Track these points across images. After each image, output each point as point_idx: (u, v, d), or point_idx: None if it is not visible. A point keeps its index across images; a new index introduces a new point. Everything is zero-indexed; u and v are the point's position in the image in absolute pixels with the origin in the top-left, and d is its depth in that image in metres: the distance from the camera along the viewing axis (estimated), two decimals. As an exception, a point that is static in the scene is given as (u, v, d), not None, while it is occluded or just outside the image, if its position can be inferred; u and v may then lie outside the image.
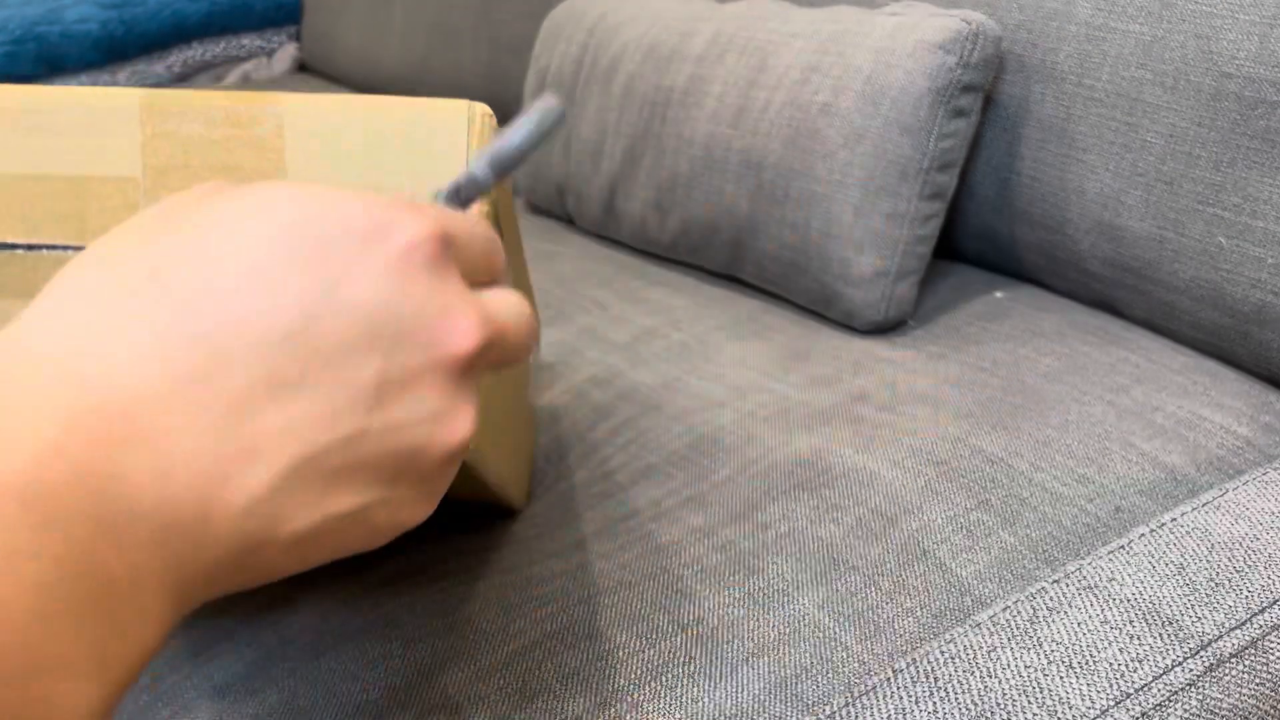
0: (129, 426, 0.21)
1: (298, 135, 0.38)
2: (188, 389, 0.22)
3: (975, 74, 0.72)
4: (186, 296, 0.23)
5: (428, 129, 0.39)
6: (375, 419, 0.24)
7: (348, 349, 0.24)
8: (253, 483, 0.23)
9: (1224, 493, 0.51)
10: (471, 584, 0.50)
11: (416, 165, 0.38)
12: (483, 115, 0.39)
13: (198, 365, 0.22)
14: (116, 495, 0.21)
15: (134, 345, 0.22)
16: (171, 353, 0.22)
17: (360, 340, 0.24)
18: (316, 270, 0.24)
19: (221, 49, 1.66)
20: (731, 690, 0.44)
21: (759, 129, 0.77)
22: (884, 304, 0.73)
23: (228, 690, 0.45)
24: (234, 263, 0.24)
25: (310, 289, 0.24)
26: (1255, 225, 0.64)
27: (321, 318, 0.24)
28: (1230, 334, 0.67)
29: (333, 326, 0.24)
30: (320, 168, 0.38)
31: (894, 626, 0.47)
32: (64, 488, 0.20)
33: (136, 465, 0.21)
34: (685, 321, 0.76)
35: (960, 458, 0.58)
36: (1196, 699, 0.41)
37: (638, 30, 0.90)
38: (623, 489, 0.57)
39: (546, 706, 0.43)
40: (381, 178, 0.38)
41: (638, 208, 0.88)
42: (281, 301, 0.23)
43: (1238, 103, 0.64)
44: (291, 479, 0.23)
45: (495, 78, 1.33)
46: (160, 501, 0.21)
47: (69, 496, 0.20)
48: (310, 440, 0.23)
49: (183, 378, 0.22)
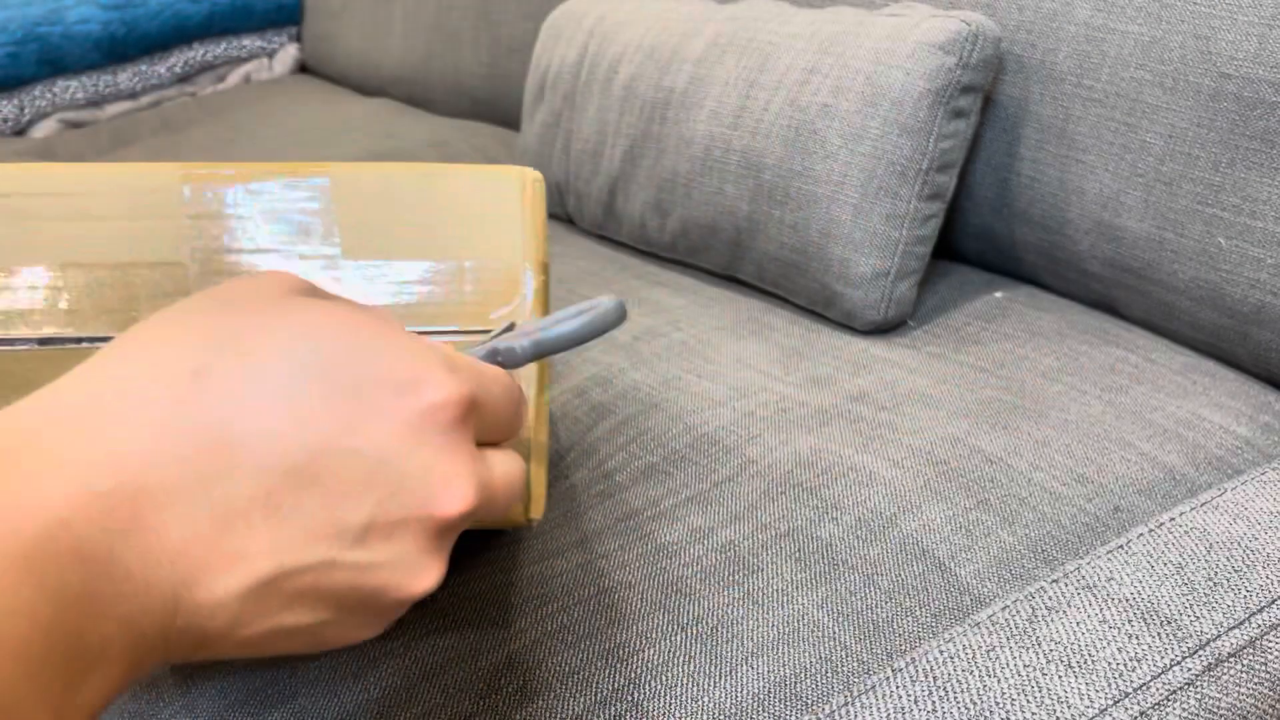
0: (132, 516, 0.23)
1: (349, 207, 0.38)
2: (193, 490, 0.24)
3: (975, 75, 0.72)
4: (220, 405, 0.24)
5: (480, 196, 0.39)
6: (350, 555, 0.26)
7: (346, 491, 0.25)
8: (220, 590, 0.24)
9: (1223, 492, 0.51)
10: (471, 584, 0.50)
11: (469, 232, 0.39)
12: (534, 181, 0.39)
13: (209, 471, 0.24)
14: (108, 576, 0.22)
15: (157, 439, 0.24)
16: (190, 454, 0.24)
17: (360, 485, 0.25)
18: (342, 412, 0.25)
19: (222, 50, 1.66)
20: (731, 689, 0.44)
21: (759, 130, 0.77)
22: (884, 304, 0.74)
23: (228, 690, 0.45)
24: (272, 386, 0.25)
25: (331, 430, 0.25)
26: (1254, 226, 0.64)
27: (333, 456, 0.25)
28: (1229, 334, 0.68)
29: (340, 466, 0.25)
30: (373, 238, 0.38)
31: (893, 626, 0.47)
32: (65, 560, 0.21)
33: (129, 551, 0.23)
34: (685, 321, 0.76)
35: (959, 457, 0.58)
36: (1195, 698, 0.41)
37: (638, 31, 0.90)
38: (623, 489, 0.57)
39: (546, 706, 0.43)
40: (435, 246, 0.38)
41: (638, 208, 0.89)
42: (302, 436, 0.25)
43: (1237, 103, 0.64)
44: (258, 592, 0.24)
45: (495, 78, 1.33)
46: (142, 587, 0.23)
47: (67, 570, 0.21)
48: (285, 561, 0.25)
49: (191, 479, 0.24)
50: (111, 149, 1.40)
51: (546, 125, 0.99)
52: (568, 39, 0.97)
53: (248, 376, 0.25)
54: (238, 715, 0.44)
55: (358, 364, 0.26)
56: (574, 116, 0.95)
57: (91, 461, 0.23)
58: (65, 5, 1.48)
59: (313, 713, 0.43)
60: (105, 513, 0.22)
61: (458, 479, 0.27)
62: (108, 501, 0.22)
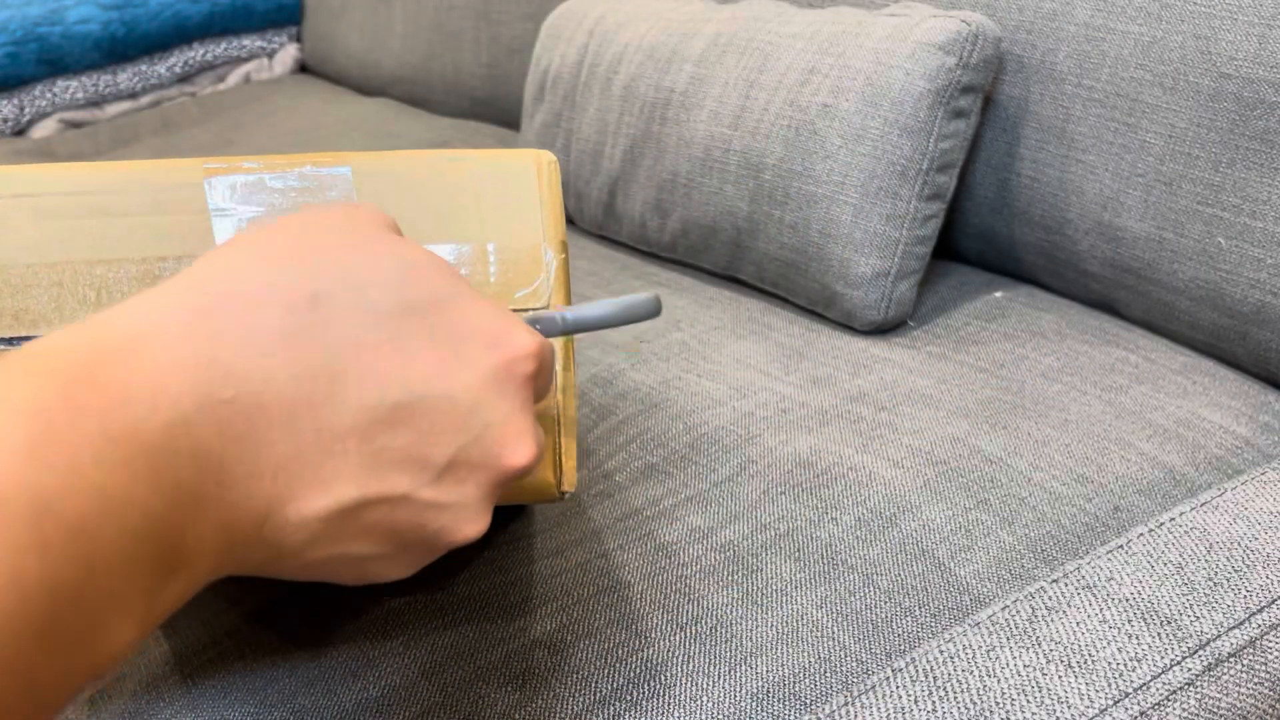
0: (248, 427, 0.24)
1: (371, 195, 0.38)
2: (303, 412, 0.25)
3: (975, 75, 0.72)
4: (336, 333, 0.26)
5: (498, 180, 0.39)
6: (424, 492, 0.27)
7: (439, 431, 0.27)
8: (309, 509, 0.25)
9: (1223, 492, 0.51)
10: (471, 583, 0.50)
11: (489, 215, 0.39)
12: (549, 163, 0.40)
13: (319, 396, 0.25)
14: (216, 480, 0.23)
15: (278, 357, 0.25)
16: (304, 375, 0.25)
17: (451, 427, 0.27)
18: (442, 356, 0.27)
19: (222, 50, 1.66)
20: (730, 689, 0.44)
21: (759, 130, 0.77)
22: (884, 304, 0.74)
23: (229, 690, 0.45)
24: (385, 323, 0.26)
25: (431, 373, 0.27)
26: (1254, 226, 0.64)
27: (429, 398, 0.27)
28: (1229, 334, 0.68)
29: (436, 407, 0.27)
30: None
31: (893, 626, 0.47)
32: (183, 459, 0.22)
33: (239, 459, 0.24)
34: (685, 321, 0.76)
35: (959, 457, 0.58)
36: (1195, 698, 0.41)
37: (638, 31, 0.90)
38: (622, 488, 0.57)
39: (546, 706, 0.43)
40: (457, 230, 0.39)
41: (638, 208, 0.89)
42: (408, 373, 0.26)
43: (1236, 103, 0.64)
44: (340, 516, 0.26)
45: (495, 79, 1.33)
46: (242, 496, 0.24)
47: (183, 469, 0.22)
48: (368, 490, 0.26)
49: (303, 401, 0.25)
50: (111, 149, 1.40)
51: (546, 125, 0.99)
52: (568, 39, 0.97)
53: (361, 308, 0.26)
54: (238, 714, 0.44)
55: (455, 312, 0.28)
56: (574, 116, 0.95)
57: (216, 368, 0.24)
58: (65, 5, 1.48)
59: (313, 712, 0.43)
60: (225, 420, 0.23)
61: (526, 434, 0.29)
62: (229, 410, 0.23)
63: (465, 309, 0.28)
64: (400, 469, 0.26)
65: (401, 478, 0.26)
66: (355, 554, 0.27)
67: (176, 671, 0.46)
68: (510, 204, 0.39)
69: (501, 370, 0.28)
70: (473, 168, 0.39)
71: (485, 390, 0.27)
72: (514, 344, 0.28)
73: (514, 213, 0.39)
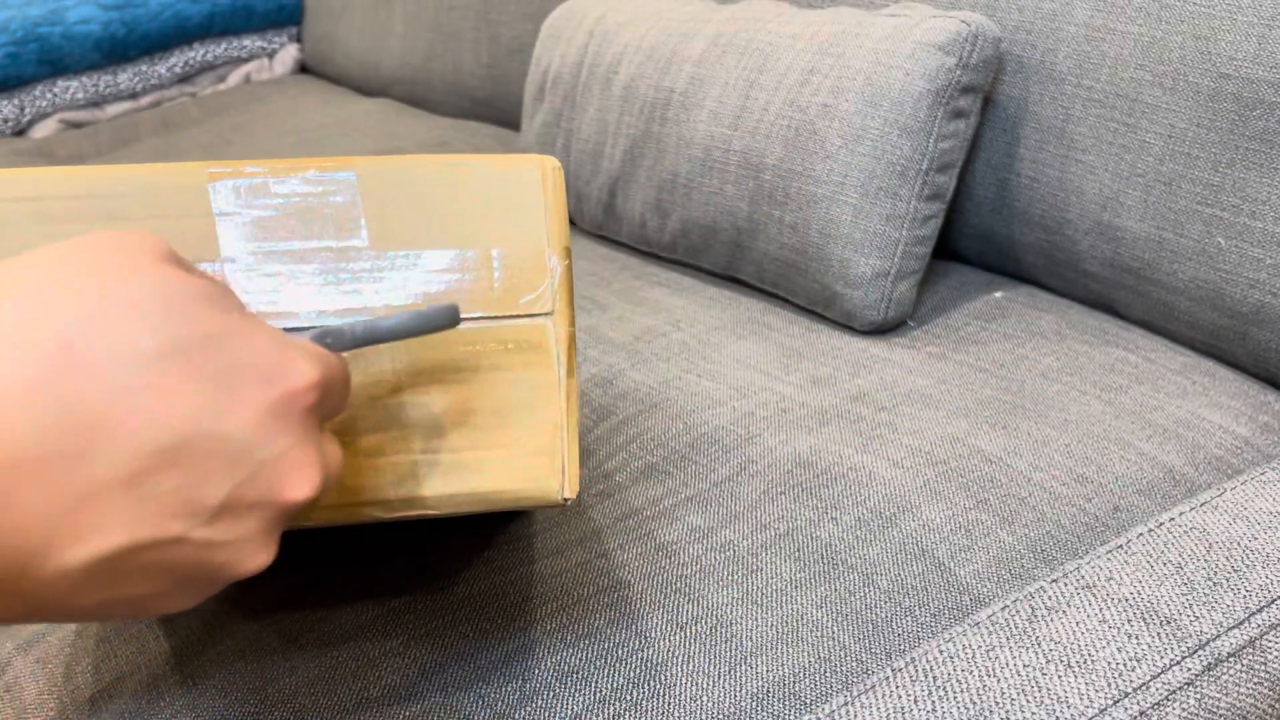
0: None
1: (375, 199, 0.38)
2: (56, 465, 0.24)
3: (974, 75, 0.72)
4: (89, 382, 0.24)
5: (502, 185, 0.39)
6: (199, 533, 0.26)
7: (210, 471, 0.26)
8: (70, 560, 0.25)
9: (1222, 492, 0.51)
10: (471, 583, 0.50)
11: (494, 221, 0.39)
12: (554, 169, 0.40)
13: (74, 448, 0.24)
14: None
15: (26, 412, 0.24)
16: (57, 430, 0.24)
17: (222, 466, 0.26)
18: (209, 395, 0.26)
19: (223, 50, 1.66)
20: (730, 689, 0.44)
21: (759, 130, 0.77)
22: (883, 304, 0.74)
23: (229, 689, 0.45)
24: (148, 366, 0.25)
25: (198, 413, 0.26)
26: (1254, 226, 0.64)
27: (197, 439, 0.26)
28: (1229, 334, 0.68)
29: (205, 448, 0.26)
30: (400, 229, 0.38)
31: (892, 626, 0.47)
32: None
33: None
34: (685, 321, 0.76)
35: (959, 457, 0.58)
36: (1194, 698, 0.41)
37: (638, 31, 0.90)
38: (623, 488, 0.57)
39: (546, 706, 0.44)
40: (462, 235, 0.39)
41: (638, 208, 0.89)
42: (172, 416, 0.25)
43: (1236, 103, 0.64)
44: (105, 564, 0.25)
45: (495, 79, 1.33)
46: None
47: None
48: (138, 536, 0.25)
49: (55, 454, 0.24)
50: (111, 149, 1.40)
51: (546, 125, 0.99)
52: (568, 39, 0.97)
53: (121, 351, 0.25)
54: (238, 714, 0.44)
55: (228, 347, 0.27)
56: (574, 116, 0.95)
57: None
58: (65, 5, 1.48)
59: (313, 712, 0.43)
60: None
61: (309, 466, 0.28)
62: None
63: (237, 344, 0.27)
64: (171, 512, 0.25)
65: (174, 522, 0.26)
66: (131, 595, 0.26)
67: (176, 671, 0.46)
68: (515, 210, 0.39)
69: (277, 405, 0.27)
70: (478, 173, 0.39)
71: (260, 427, 0.27)
72: (291, 377, 0.28)
73: (519, 218, 0.39)
